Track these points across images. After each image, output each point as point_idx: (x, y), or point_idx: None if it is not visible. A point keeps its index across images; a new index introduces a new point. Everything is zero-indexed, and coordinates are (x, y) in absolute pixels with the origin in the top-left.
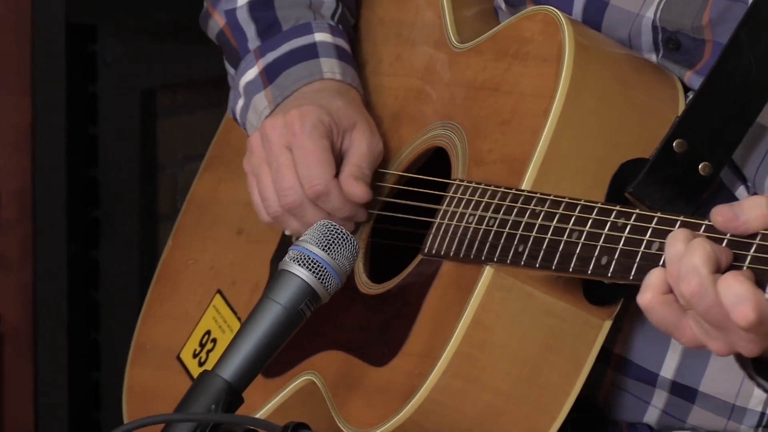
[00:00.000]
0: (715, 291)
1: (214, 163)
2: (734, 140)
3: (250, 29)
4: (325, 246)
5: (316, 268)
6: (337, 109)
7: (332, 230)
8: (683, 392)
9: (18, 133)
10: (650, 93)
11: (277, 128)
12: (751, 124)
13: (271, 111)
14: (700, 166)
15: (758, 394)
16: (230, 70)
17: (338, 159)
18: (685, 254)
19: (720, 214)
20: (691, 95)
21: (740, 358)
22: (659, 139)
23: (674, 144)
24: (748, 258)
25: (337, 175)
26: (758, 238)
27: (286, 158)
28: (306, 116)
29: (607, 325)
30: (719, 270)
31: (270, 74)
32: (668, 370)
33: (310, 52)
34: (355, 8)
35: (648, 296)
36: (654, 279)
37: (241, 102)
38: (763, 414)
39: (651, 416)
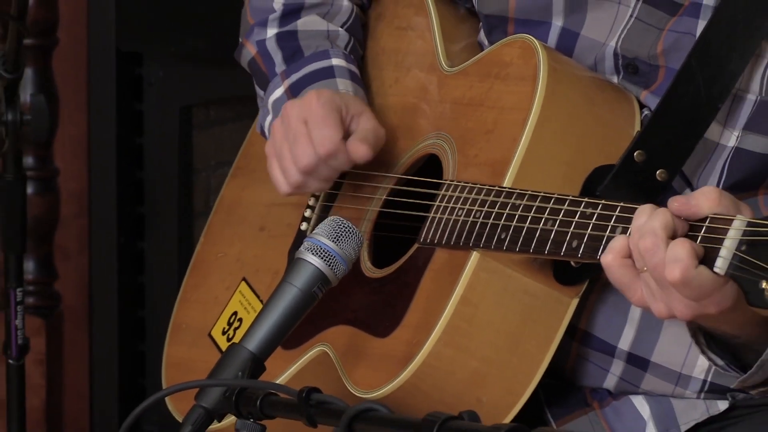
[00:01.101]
0: (665, 251)
1: (239, 172)
2: (686, 152)
3: (277, 56)
4: (335, 238)
5: (326, 257)
6: (349, 98)
7: (341, 224)
8: (637, 362)
9: (76, 143)
10: (611, 109)
11: (295, 107)
12: (701, 138)
13: None
14: (657, 173)
15: (701, 364)
16: (259, 92)
17: (347, 137)
18: (648, 219)
19: (675, 201)
20: (646, 111)
21: (695, 336)
22: (619, 148)
23: (635, 154)
24: (699, 238)
25: None
26: (707, 221)
27: (302, 128)
28: (321, 94)
29: (575, 302)
30: (675, 236)
31: (294, 91)
32: (625, 342)
33: (328, 73)
34: (363, 41)
35: (610, 257)
36: (617, 243)
37: (269, 118)
38: (705, 381)
39: (610, 382)
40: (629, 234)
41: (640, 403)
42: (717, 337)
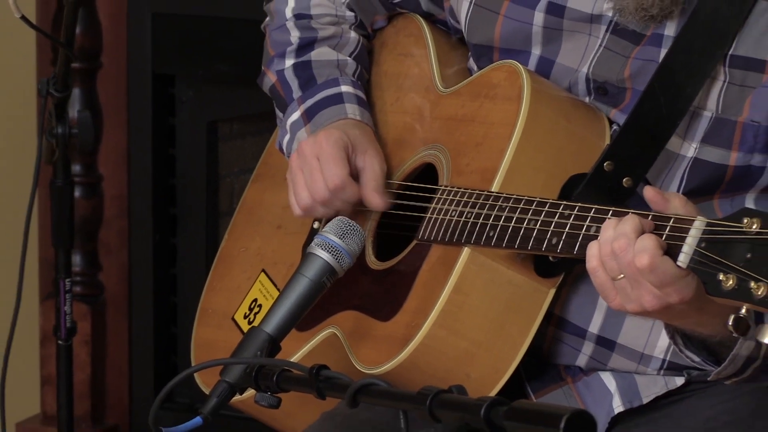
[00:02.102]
0: (636, 265)
1: (259, 178)
2: (649, 162)
3: (294, 84)
4: (341, 235)
5: (334, 252)
6: (354, 136)
7: (346, 223)
8: (605, 343)
9: (118, 154)
10: (585, 125)
11: (309, 144)
12: (662, 149)
13: None
14: (623, 181)
15: (660, 345)
16: (279, 114)
17: (353, 173)
18: (619, 225)
19: (652, 189)
20: (615, 127)
21: (673, 338)
22: (591, 159)
23: (605, 164)
24: (664, 236)
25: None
26: (671, 221)
27: (315, 164)
28: (330, 135)
29: (552, 292)
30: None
31: (309, 115)
32: (594, 327)
33: (338, 99)
34: (369, 67)
35: (594, 261)
36: (595, 250)
37: (287, 137)
38: (664, 360)
39: (581, 360)
40: (599, 242)
41: (608, 379)
42: (694, 338)
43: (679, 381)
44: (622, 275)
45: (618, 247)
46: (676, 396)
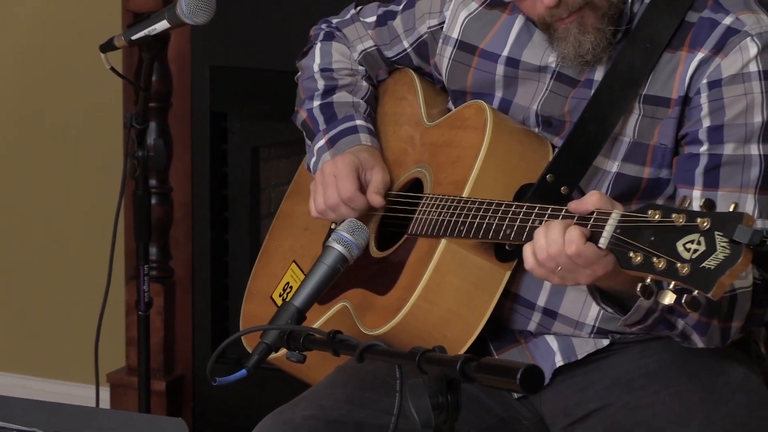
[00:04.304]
0: (566, 253)
1: (291, 194)
2: (581, 174)
3: (320, 119)
4: (351, 232)
5: (346, 245)
6: (364, 158)
7: (356, 224)
8: (549, 313)
9: (184, 171)
10: (533, 148)
11: (329, 165)
12: (591, 165)
13: None
14: (561, 189)
15: (591, 315)
16: (308, 142)
17: (363, 185)
18: (548, 232)
19: (572, 203)
20: (557, 150)
21: (592, 294)
22: (537, 172)
23: (547, 176)
24: (589, 225)
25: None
26: (595, 214)
27: (332, 180)
28: (345, 158)
29: (508, 274)
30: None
31: (332, 142)
32: (542, 300)
33: (354, 130)
34: (375, 107)
35: (530, 262)
36: (528, 254)
37: (313, 159)
38: (594, 326)
39: (531, 326)
40: (534, 247)
41: (551, 341)
42: (609, 294)
43: (606, 342)
44: (560, 268)
45: (553, 252)
46: (603, 354)
